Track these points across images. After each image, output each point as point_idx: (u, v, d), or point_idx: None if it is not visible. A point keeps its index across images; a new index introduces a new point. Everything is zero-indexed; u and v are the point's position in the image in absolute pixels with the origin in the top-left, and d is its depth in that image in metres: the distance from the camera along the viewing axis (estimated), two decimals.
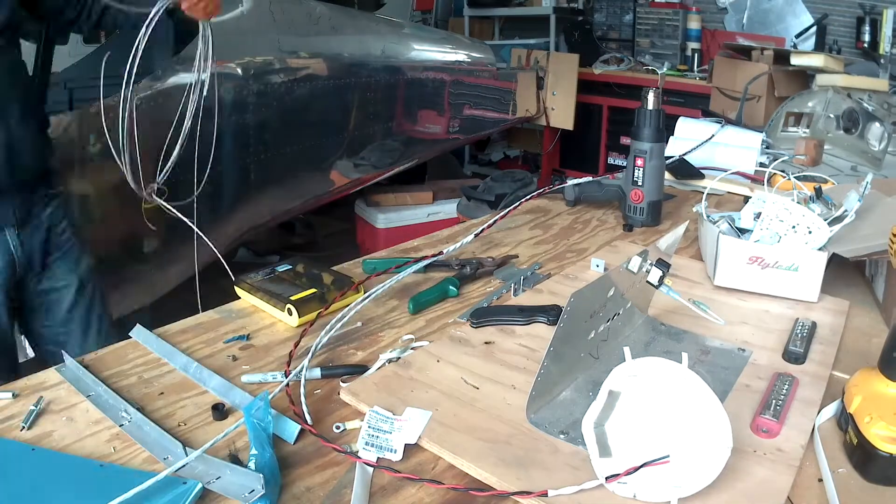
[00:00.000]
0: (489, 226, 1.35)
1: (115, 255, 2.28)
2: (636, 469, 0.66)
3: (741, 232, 1.24)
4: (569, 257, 1.33)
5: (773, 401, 0.80)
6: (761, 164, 1.78)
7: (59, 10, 1.55)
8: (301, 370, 0.89)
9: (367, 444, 0.75)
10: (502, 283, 1.21)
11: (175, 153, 1.39)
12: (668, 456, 0.66)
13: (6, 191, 1.41)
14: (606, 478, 0.67)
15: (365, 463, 0.73)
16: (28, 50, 2.89)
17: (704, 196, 1.29)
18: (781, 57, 3.00)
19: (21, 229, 1.46)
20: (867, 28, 3.72)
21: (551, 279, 1.20)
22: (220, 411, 0.82)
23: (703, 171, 1.83)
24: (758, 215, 1.19)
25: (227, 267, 1.50)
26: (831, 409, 0.81)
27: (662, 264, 0.91)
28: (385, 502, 0.69)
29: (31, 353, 2.16)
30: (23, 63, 1.46)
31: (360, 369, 0.91)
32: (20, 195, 1.45)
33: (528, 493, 0.67)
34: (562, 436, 0.76)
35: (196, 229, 1.65)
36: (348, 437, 0.78)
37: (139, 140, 1.67)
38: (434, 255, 1.21)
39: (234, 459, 0.73)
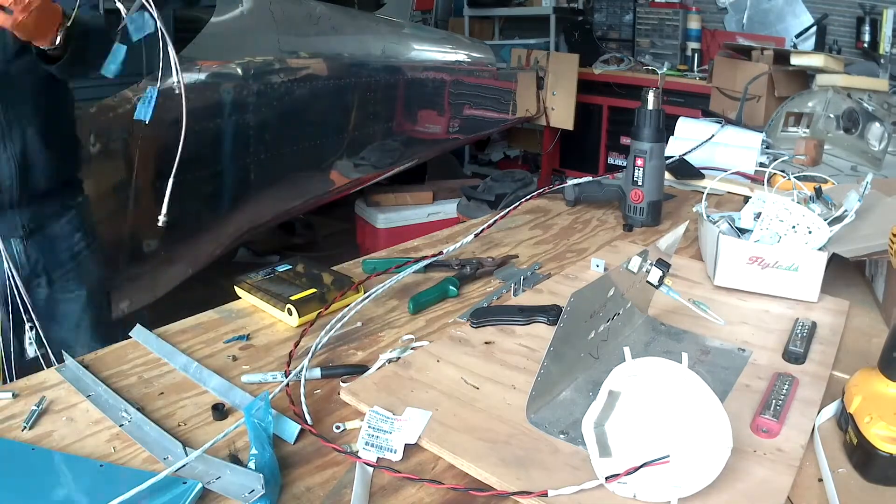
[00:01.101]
0: (489, 226, 1.35)
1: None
2: (636, 469, 0.66)
3: (741, 232, 1.24)
4: (569, 257, 1.33)
5: (773, 401, 0.80)
6: (761, 164, 1.78)
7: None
8: (301, 370, 0.89)
9: (367, 444, 0.75)
10: (502, 283, 1.21)
11: (170, 182, 1.34)
12: (668, 456, 0.65)
13: (16, 204, 1.41)
14: (606, 478, 0.67)
15: (365, 463, 0.73)
16: None
17: (704, 196, 1.29)
18: (781, 57, 3.00)
19: (28, 239, 1.46)
20: (867, 28, 3.72)
21: (551, 279, 1.20)
22: (220, 411, 0.82)
23: (703, 170, 1.83)
24: (758, 215, 1.19)
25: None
26: (831, 409, 0.81)
27: (662, 264, 0.91)
28: (385, 502, 0.69)
29: (31, 353, 2.16)
30: (45, 79, 1.39)
31: (360, 369, 0.91)
32: (30, 208, 1.44)
33: (528, 493, 0.67)
34: (562, 436, 0.76)
35: None
36: (348, 437, 0.78)
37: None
38: (434, 255, 1.21)
39: (234, 459, 0.73)
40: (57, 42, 1.22)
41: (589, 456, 0.69)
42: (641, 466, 0.66)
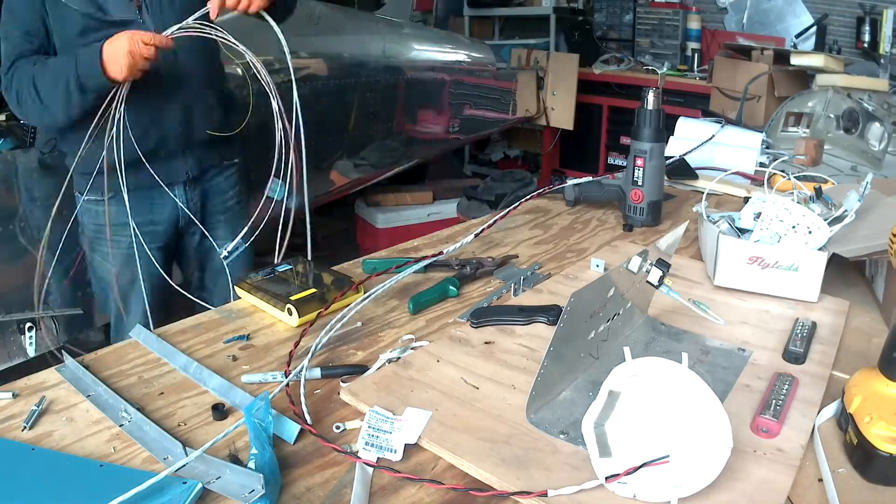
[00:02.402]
0: (489, 226, 1.35)
1: None
2: (636, 469, 0.66)
3: (741, 232, 1.24)
4: (569, 257, 1.33)
5: (773, 401, 0.80)
6: (761, 164, 1.78)
7: None
8: (301, 370, 0.89)
9: (366, 444, 0.75)
10: (502, 283, 1.21)
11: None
12: (668, 456, 0.65)
13: (181, 153, 1.59)
14: (606, 478, 0.67)
15: (365, 463, 0.73)
16: None
17: (704, 196, 1.29)
18: (781, 57, 3.00)
19: (190, 188, 1.64)
20: (867, 28, 3.72)
21: (551, 279, 1.20)
22: (220, 411, 0.82)
23: (703, 170, 1.83)
24: (758, 215, 1.19)
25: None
26: (831, 409, 0.81)
27: (662, 264, 0.91)
28: (385, 502, 0.69)
29: (31, 353, 2.16)
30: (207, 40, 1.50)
31: (360, 369, 0.91)
32: (193, 157, 1.62)
33: (528, 493, 0.67)
34: (562, 436, 0.76)
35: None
36: (348, 437, 0.78)
37: None
38: (434, 255, 1.21)
39: (234, 459, 0.73)
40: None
41: (589, 456, 0.69)
42: (641, 466, 0.66)
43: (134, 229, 1.52)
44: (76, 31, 1.47)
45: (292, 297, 1.05)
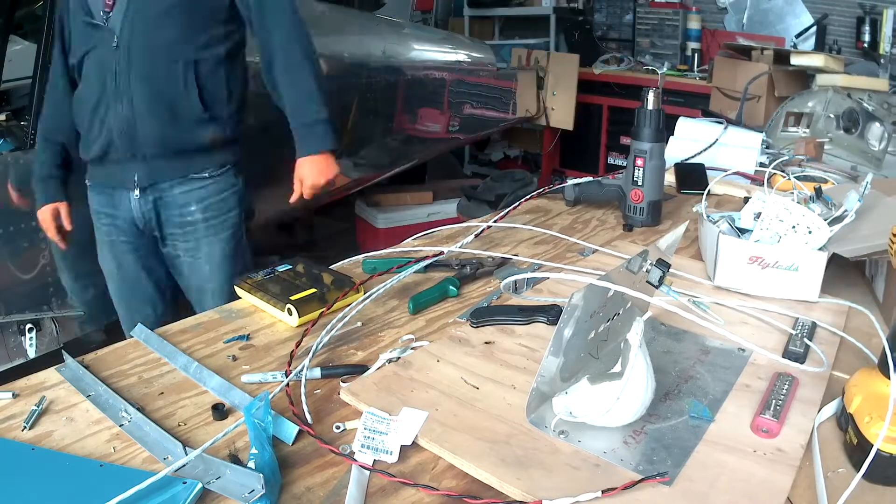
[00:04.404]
0: (489, 226, 1.35)
1: None
2: (634, 483, 0.67)
3: (741, 232, 1.24)
4: (569, 257, 1.33)
5: (773, 401, 0.80)
6: (761, 164, 1.78)
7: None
8: (301, 370, 0.89)
9: (362, 445, 0.75)
10: (502, 282, 1.20)
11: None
12: (666, 473, 0.68)
13: (127, 160, 1.57)
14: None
15: (360, 466, 0.72)
16: (28, 50, 2.89)
17: (704, 196, 1.29)
18: (781, 57, 3.00)
19: (143, 194, 1.60)
20: (867, 28, 3.72)
21: (551, 279, 1.20)
22: (220, 411, 0.82)
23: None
24: (758, 215, 1.19)
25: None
26: (831, 408, 0.81)
27: (662, 264, 0.90)
28: (384, 502, 0.69)
29: (31, 354, 2.16)
30: (191, 42, 1.55)
31: (360, 369, 0.91)
32: (147, 165, 1.58)
33: (525, 502, 0.67)
34: (561, 436, 0.76)
35: None
36: (348, 437, 0.78)
37: None
38: (434, 256, 1.21)
39: (234, 459, 0.73)
40: None
41: (589, 456, 0.69)
42: (640, 481, 0.67)
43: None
44: (77, 36, 1.58)
45: (292, 297, 1.05)
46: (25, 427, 0.79)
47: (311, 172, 1.64)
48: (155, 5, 1.50)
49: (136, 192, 1.60)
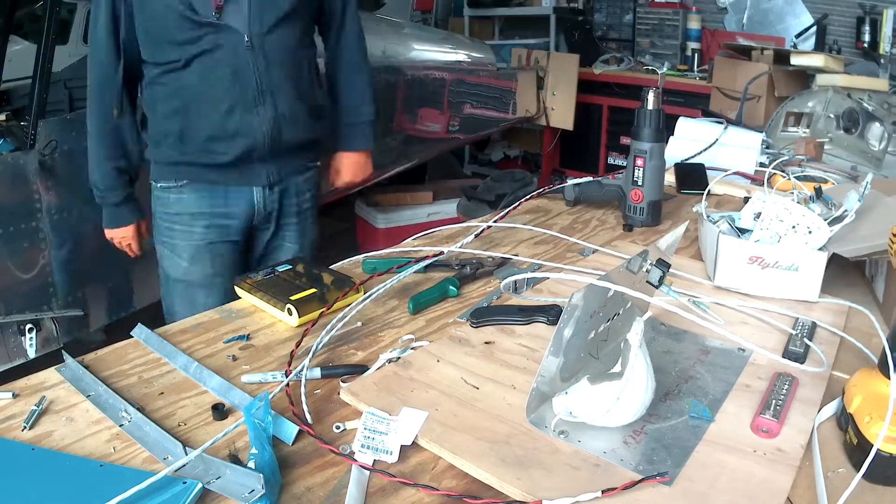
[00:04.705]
0: (489, 226, 1.35)
1: None
2: (634, 484, 0.67)
3: (741, 232, 1.24)
4: (569, 257, 1.33)
5: (773, 401, 0.80)
6: (761, 164, 1.78)
7: None
8: (301, 370, 0.89)
9: (362, 445, 0.75)
10: (502, 282, 1.20)
11: None
12: (666, 473, 0.68)
13: (269, 159, 1.57)
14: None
15: (360, 466, 0.72)
16: (28, 50, 2.89)
17: (704, 196, 1.29)
18: (781, 57, 3.00)
19: (269, 189, 1.61)
20: (867, 28, 3.72)
21: (551, 279, 1.20)
22: (220, 411, 0.82)
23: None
24: (758, 215, 1.19)
25: None
26: (832, 408, 0.81)
27: (662, 264, 0.90)
28: (384, 502, 0.69)
29: (31, 354, 2.16)
30: (307, 47, 1.62)
31: (360, 369, 0.91)
32: (279, 162, 1.60)
33: (525, 503, 0.67)
34: (561, 436, 0.76)
35: None
36: (348, 437, 0.78)
37: None
38: (434, 256, 1.21)
39: (234, 459, 0.73)
40: None
41: (588, 457, 0.69)
42: (640, 481, 0.67)
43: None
44: (172, 30, 1.44)
45: (292, 298, 1.05)
46: (25, 427, 0.79)
47: (351, 168, 1.79)
48: (275, 6, 1.48)
49: (262, 188, 1.60)
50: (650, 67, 4.31)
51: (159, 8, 1.43)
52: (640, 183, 1.47)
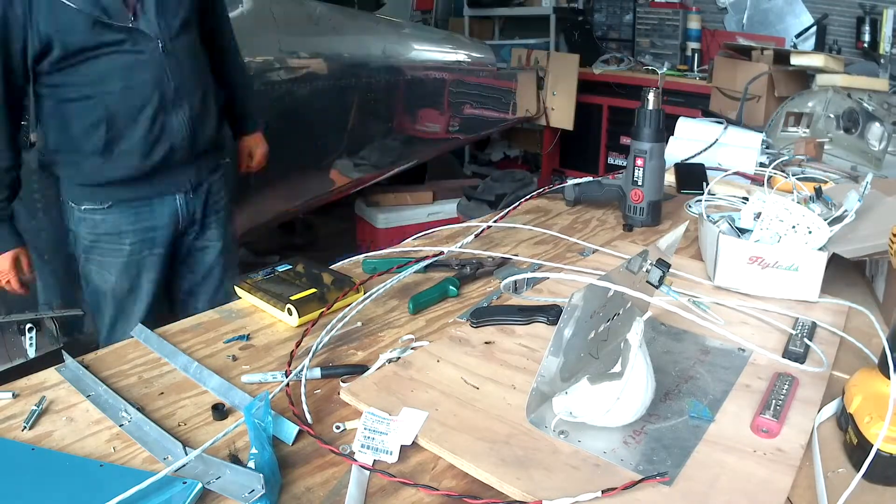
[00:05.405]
0: (489, 226, 1.35)
1: None
2: (634, 484, 0.67)
3: (741, 232, 1.24)
4: (569, 257, 1.33)
5: (773, 401, 0.80)
6: (761, 164, 1.78)
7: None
8: (301, 370, 0.89)
9: (362, 445, 0.75)
10: (502, 282, 1.20)
11: None
12: (666, 473, 0.68)
13: (188, 161, 1.61)
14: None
15: (360, 466, 0.72)
16: None
17: (704, 196, 1.29)
18: (781, 57, 3.00)
19: (190, 194, 1.66)
20: (867, 28, 3.72)
21: (551, 279, 1.20)
22: (220, 411, 0.82)
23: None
24: (758, 215, 1.19)
25: None
26: (832, 408, 0.81)
27: (662, 264, 0.90)
28: (384, 502, 0.69)
29: (31, 354, 2.16)
30: (202, 49, 1.66)
31: (360, 369, 0.91)
32: (197, 164, 1.65)
33: (525, 503, 0.67)
34: (561, 436, 0.76)
35: None
36: (348, 437, 0.78)
37: None
38: (434, 256, 1.21)
39: (234, 459, 0.73)
40: None
41: (588, 456, 0.69)
42: (640, 481, 0.67)
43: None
44: (84, 36, 1.40)
45: (292, 298, 1.05)
46: (25, 427, 0.79)
47: (261, 145, 1.95)
48: (176, 12, 1.52)
49: (185, 193, 1.64)
50: (650, 67, 4.30)
51: (70, 15, 1.37)
52: (640, 183, 1.47)
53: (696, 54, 4.18)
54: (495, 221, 1.45)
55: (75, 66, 1.43)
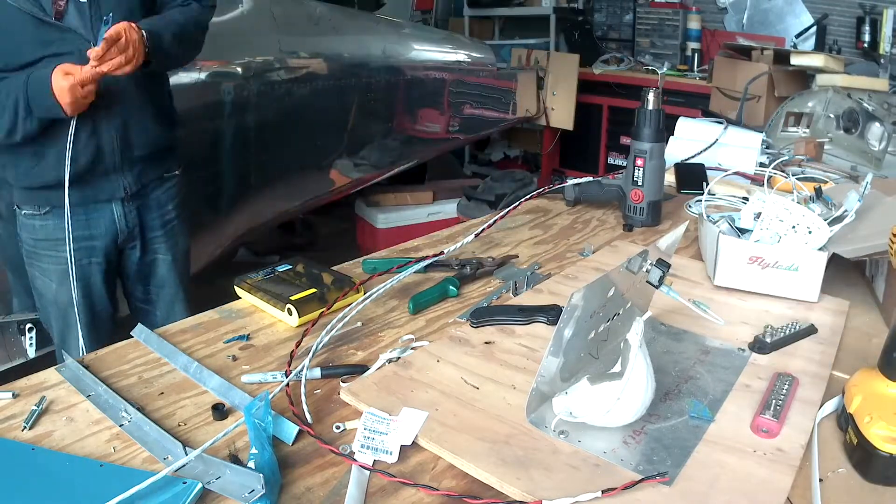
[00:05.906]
0: (489, 226, 1.35)
1: None
2: (634, 484, 0.67)
3: (741, 232, 1.24)
4: (569, 257, 1.33)
5: (773, 401, 0.80)
6: (761, 164, 1.78)
7: None
8: (301, 370, 0.89)
9: (362, 445, 0.75)
10: (502, 283, 1.21)
11: None
12: (666, 473, 0.68)
13: (119, 168, 1.53)
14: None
15: (360, 466, 0.72)
16: None
17: (704, 196, 1.29)
18: (781, 57, 3.00)
19: (128, 203, 1.58)
20: (867, 28, 3.72)
21: (551, 279, 1.20)
22: (220, 411, 0.82)
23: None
24: (758, 215, 1.19)
25: None
26: (832, 405, 0.81)
27: (662, 264, 0.90)
28: (384, 502, 0.69)
29: (31, 353, 2.16)
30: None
31: (360, 369, 0.91)
32: (132, 173, 1.57)
33: (524, 503, 0.67)
34: (561, 436, 0.76)
35: None
36: (348, 437, 0.78)
37: None
38: (434, 255, 1.21)
39: (234, 459, 0.73)
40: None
41: (589, 457, 0.69)
42: (640, 481, 0.67)
43: (70, 247, 1.49)
44: (26, 36, 1.37)
45: (292, 298, 1.05)
46: (25, 427, 0.79)
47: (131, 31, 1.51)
48: (117, 8, 1.42)
49: (122, 202, 1.56)
50: (650, 67, 4.30)
51: (10, 13, 1.34)
52: (640, 183, 1.47)
53: (696, 54, 4.18)
54: (495, 221, 1.44)
55: (9, 63, 1.39)
